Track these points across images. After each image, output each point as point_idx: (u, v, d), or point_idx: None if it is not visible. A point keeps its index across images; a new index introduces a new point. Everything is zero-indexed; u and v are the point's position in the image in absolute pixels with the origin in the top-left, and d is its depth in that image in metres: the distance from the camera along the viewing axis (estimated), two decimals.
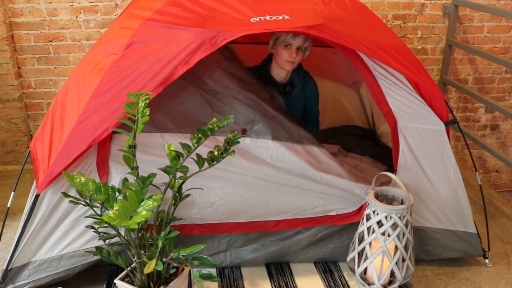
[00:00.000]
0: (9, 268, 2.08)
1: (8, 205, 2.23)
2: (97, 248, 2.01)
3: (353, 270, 2.26)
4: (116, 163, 2.10)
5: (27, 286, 2.11)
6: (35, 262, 2.12)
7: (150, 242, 1.90)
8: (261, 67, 2.73)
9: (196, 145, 1.89)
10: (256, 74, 2.64)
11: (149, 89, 1.91)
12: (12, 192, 2.22)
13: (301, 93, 2.76)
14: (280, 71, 2.67)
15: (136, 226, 1.58)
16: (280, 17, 2.03)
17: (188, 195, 2.05)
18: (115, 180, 2.10)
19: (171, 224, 1.99)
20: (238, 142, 1.98)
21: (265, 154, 2.23)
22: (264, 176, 2.22)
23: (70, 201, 1.79)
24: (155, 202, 1.65)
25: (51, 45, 3.41)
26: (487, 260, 2.46)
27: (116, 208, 1.59)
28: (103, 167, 2.09)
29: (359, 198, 2.33)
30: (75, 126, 1.97)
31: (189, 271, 2.08)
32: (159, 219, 1.96)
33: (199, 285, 1.86)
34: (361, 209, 2.32)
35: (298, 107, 2.80)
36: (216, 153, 1.96)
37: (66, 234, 2.12)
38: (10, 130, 3.51)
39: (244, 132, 2.23)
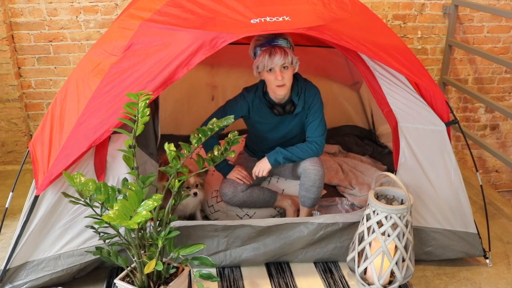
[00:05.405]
0: (7, 268, 2.08)
1: (6, 206, 2.22)
2: (97, 248, 2.01)
3: (353, 270, 2.26)
4: (114, 165, 2.10)
5: (25, 286, 2.11)
6: (33, 261, 2.12)
7: (150, 242, 1.90)
8: (258, 88, 2.57)
9: (196, 145, 1.89)
10: (254, 97, 2.54)
11: (149, 91, 1.91)
12: (11, 193, 2.22)
13: (303, 110, 2.58)
14: (276, 94, 2.49)
15: (136, 226, 1.58)
16: (280, 19, 2.03)
17: (188, 195, 2.05)
18: (112, 181, 2.09)
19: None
20: (238, 142, 1.99)
21: None
22: None
23: (70, 201, 1.79)
24: (155, 202, 1.65)
25: (51, 45, 3.41)
26: (487, 260, 2.46)
27: (116, 208, 1.60)
28: (100, 168, 2.09)
29: None
30: (75, 127, 1.97)
31: (189, 271, 2.08)
32: (159, 219, 1.96)
33: (199, 285, 1.86)
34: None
35: (301, 122, 2.63)
36: (216, 153, 1.96)
37: (64, 234, 2.12)
38: (10, 130, 3.50)
39: None
